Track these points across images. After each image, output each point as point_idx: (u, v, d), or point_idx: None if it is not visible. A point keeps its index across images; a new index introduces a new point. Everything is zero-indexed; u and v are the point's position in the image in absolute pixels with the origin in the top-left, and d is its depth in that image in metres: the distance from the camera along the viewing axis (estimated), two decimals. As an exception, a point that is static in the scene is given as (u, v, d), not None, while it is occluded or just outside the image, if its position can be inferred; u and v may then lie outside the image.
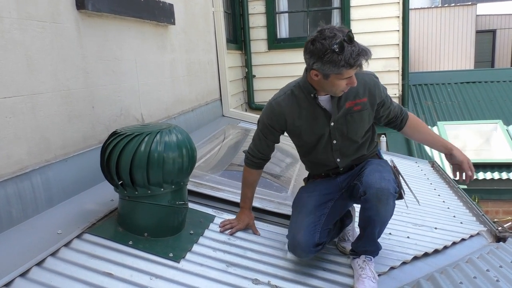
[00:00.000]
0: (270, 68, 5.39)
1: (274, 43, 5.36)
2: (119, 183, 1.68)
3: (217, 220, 2.03)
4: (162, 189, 1.70)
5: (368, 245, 1.89)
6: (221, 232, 1.98)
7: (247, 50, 5.32)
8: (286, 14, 5.45)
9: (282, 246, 1.96)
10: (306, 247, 1.75)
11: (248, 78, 5.37)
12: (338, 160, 1.90)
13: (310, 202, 1.86)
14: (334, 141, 1.86)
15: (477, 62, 14.64)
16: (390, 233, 2.34)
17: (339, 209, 1.93)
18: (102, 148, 1.75)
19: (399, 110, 1.99)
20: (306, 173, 2.09)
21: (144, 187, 1.68)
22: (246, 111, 5.36)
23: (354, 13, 5.11)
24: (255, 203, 2.04)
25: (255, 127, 3.90)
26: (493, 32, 15.46)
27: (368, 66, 1.72)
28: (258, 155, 1.95)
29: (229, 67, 4.49)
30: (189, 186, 2.01)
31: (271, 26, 5.30)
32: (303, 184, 2.12)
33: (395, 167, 1.95)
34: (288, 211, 2.09)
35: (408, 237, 2.35)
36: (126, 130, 1.74)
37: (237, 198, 2.09)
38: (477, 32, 14.74)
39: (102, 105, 2.26)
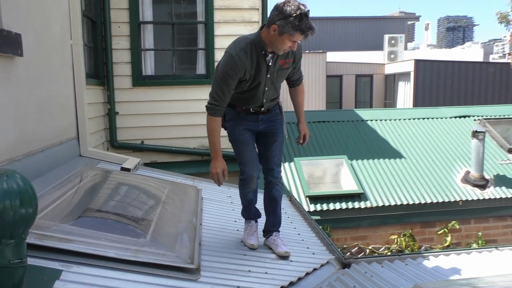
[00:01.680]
0: (135, 105, 5.26)
1: (139, 80, 5.27)
2: None
3: (66, 275, 1.85)
4: (-5, 246, 1.49)
5: (276, 220, 2.78)
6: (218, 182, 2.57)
7: (110, 86, 5.11)
8: (152, 52, 5.43)
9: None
10: (257, 178, 2.62)
11: (111, 115, 5.14)
12: (264, 101, 2.55)
13: (250, 140, 2.61)
14: (266, 88, 2.49)
15: (328, 103, 16.51)
16: (249, 270, 2.41)
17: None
18: None
19: (298, 75, 2.70)
20: (169, 215, 2.09)
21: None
22: (108, 150, 5.09)
23: (218, 55, 5.34)
24: (110, 252, 1.93)
25: (117, 168, 3.73)
26: (340, 77, 17.69)
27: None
28: (223, 104, 2.43)
29: (88, 103, 4.24)
30: (31, 240, 1.81)
31: (135, 62, 5.21)
32: (165, 227, 2.14)
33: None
34: (147, 258, 2.02)
35: (266, 272, 2.45)
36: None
37: (92, 250, 1.94)
38: (327, 76, 16.70)
39: None
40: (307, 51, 17.50)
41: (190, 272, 2.09)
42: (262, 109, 2.60)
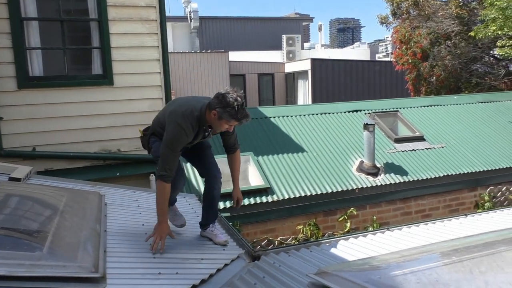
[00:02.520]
0: (23, 109, 4.79)
1: (26, 81, 4.81)
2: None
3: None
4: None
5: (213, 215, 3.08)
6: (161, 252, 2.59)
7: (-9, 88, 4.60)
8: (40, 51, 4.99)
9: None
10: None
11: (-6, 120, 4.63)
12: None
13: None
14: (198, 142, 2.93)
15: (233, 102, 16.73)
16: (159, 273, 2.36)
17: None
18: None
19: (233, 142, 3.01)
20: (69, 224, 1.96)
21: None
22: (-7, 159, 4.58)
23: (115, 54, 5.11)
24: (0, 270, 1.74)
25: (4, 178, 3.37)
26: (243, 76, 18.04)
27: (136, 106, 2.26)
28: (174, 170, 2.68)
29: (-35, 109, 3.78)
30: None
31: (20, 62, 4.74)
32: (65, 237, 2.18)
33: None
34: (44, 272, 1.86)
35: (177, 273, 2.42)
36: None
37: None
38: (231, 75, 16.93)
39: None
40: (209, 51, 17.56)
41: (95, 281, 1.98)
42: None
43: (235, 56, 18.15)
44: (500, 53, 9.46)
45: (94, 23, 5.08)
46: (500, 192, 7.01)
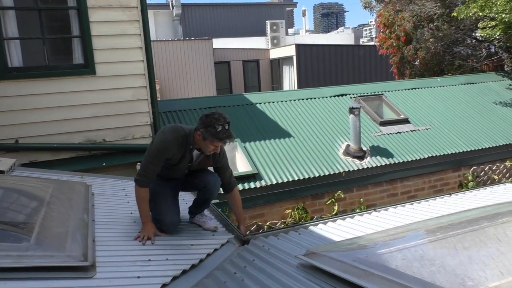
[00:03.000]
0: (3, 101, 4.69)
1: (5, 72, 4.71)
2: None
3: None
4: None
5: (203, 210, 3.17)
6: (144, 244, 2.58)
7: (-31, 80, 4.50)
8: (18, 41, 4.88)
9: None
10: (177, 224, 2.92)
11: (-26, 113, 4.53)
12: (186, 175, 3.03)
13: (169, 193, 2.96)
14: (186, 171, 2.99)
15: (218, 89, 16.63)
16: (149, 260, 2.37)
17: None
18: None
19: (228, 180, 3.08)
20: (56, 215, 1.97)
21: None
22: (-26, 152, 4.50)
23: (96, 43, 5.01)
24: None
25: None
26: (228, 63, 17.91)
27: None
28: (150, 177, 2.75)
29: None
30: None
31: (-2, 53, 4.64)
32: (52, 228, 2.19)
33: None
34: (32, 262, 1.85)
35: (167, 259, 2.43)
36: None
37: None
38: (215, 63, 16.79)
39: None
40: (193, 38, 17.36)
41: (84, 270, 1.98)
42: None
43: (219, 43, 17.98)
44: (481, 35, 9.55)
45: (73, 11, 4.97)
46: (483, 172, 7.16)
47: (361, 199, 6.32)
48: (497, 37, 9.28)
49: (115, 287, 1.93)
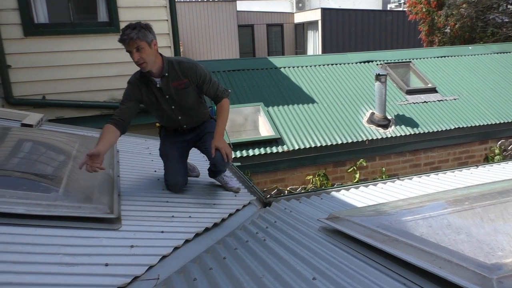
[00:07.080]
0: (30, 57, 4.73)
1: (32, 28, 4.72)
2: None
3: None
4: None
5: (218, 176, 3.04)
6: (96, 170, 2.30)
7: (-3, 36, 4.52)
8: (44, -3, 4.86)
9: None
10: (182, 185, 2.87)
11: (2, 69, 4.58)
12: (180, 118, 2.82)
13: (175, 154, 2.89)
14: (173, 107, 2.76)
15: (241, 53, 16.42)
16: (172, 216, 2.40)
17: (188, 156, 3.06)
18: None
19: (214, 94, 2.84)
20: (83, 169, 2.12)
21: None
22: (3, 107, 4.59)
23: (121, 1, 4.95)
24: (18, 209, 1.77)
25: (17, 125, 3.39)
26: (252, 26, 17.56)
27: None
28: (119, 117, 2.68)
29: (-28, 56, 3.73)
30: None
31: (24, 9, 4.63)
32: (79, 180, 2.20)
33: None
34: (61, 212, 1.89)
35: (189, 216, 2.46)
36: None
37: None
38: (239, 26, 16.49)
39: None
40: (216, 0, 17.01)
41: (110, 222, 2.02)
42: (185, 126, 2.89)
43: (243, 5, 17.58)
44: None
45: (98, -33, 4.89)
46: (511, 146, 6.95)
47: (383, 168, 6.24)
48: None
49: (140, 240, 1.97)
